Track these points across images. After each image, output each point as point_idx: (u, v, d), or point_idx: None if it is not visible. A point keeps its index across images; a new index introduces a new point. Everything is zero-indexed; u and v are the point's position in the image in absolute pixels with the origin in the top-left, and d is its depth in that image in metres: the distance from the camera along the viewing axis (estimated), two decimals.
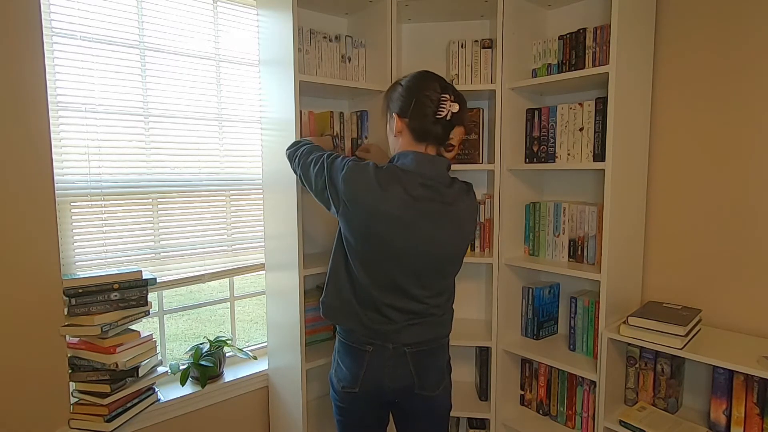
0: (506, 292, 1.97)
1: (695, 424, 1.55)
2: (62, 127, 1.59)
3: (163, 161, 1.81)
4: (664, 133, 1.74)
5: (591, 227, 1.78)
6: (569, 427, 1.88)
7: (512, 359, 2.03)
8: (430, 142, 1.22)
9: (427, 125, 1.19)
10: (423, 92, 1.19)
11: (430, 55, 2.15)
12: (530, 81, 1.81)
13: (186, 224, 1.88)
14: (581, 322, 1.83)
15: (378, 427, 1.38)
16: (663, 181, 1.75)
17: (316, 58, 1.94)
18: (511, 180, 1.94)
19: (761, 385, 1.40)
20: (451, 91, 1.20)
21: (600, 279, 1.63)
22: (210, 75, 1.92)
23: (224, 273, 2.01)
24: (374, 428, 1.37)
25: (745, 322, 1.59)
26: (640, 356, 1.67)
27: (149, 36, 1.75)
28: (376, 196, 1.14)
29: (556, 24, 2.00)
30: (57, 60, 1.57)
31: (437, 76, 1.22)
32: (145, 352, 1.67)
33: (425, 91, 1.18)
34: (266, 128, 1.92)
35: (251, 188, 2.07)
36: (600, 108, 1.69)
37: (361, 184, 1.15)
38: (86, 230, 1.66)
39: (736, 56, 1.56)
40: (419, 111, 1.19)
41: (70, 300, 1.54)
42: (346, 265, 1.27)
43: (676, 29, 1.69)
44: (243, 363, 2.13)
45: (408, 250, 1.18)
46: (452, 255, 1.24)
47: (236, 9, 1.98)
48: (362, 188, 1.15)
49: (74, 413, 1.61)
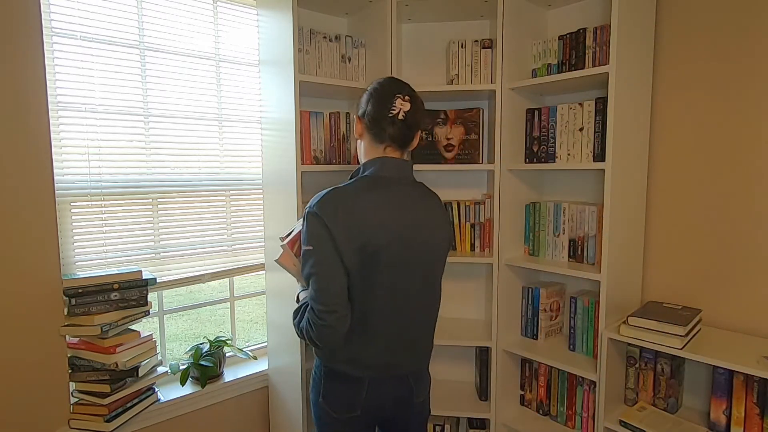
0: (506, 292, 1.97)
1: (695, 424, 1.55)
2: (62, 127, 1.59)
3: (163, 161, 1.81)
4: (664, 133, 1.74)
5: (591, 227, 1.78)
6: (569, 427, 1.88)
7: (512, 359, 2.03)
8: (388, 143, 1.21)
9: (383, 124, 1.19)
10: (380, 93, 1.21)
11: (430, 55, 2.15)
12: (530, 81, 1.81)
13: (186, 224, 1.89)
14: (581, 322, 1.83)
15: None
16: (663, 181, 1.75)
17: (316, 58, 1.94)
18: (511, 180, 1.94)
19: (761, 385, 1.40)
20: (407, 92, 1.20)
21: (600, 279, 1.63)
22: (210, 75, 1.92)
23: (224, 273, 2.01)
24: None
25: (745, 322, 1.59)
26: (640, 356, 1.67)
27: (149, 36, 1.75)
28: (354, 209, 1.12)
29: (556, 24, 2.00)
30: (57, 60, 1.57)
31: (401, 81, 1.23)
32: (145, 352, 1.67)
33: (382, 92, 1.21)
34: (266, 128, 1.92)
35: (251, 188, 2.07)
36: (600, 108, 1.69)
37: (331, 206, 1.12)
38: (86, 230, 1.66)
39: (736, 56, 1.56)
40: (374, 110, 1.20)
41: (70, 300, 1.54)
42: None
43: (676, 29, 1.69)
44: (243, 363, 2.13)
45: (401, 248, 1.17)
46: (437, 244, 1.23)
47: (236, 9, 1.98)
48: (337, 209, 1.12)
49: (74, 413, 1.61)
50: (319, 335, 1.12)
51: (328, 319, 1.11)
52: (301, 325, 1.17)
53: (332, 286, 1.12)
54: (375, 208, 1.13)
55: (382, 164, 1.20)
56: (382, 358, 1.20)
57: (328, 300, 1.11)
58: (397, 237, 1.15)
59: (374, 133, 1.21)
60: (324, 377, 1.25)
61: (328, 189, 1.16)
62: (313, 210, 1.13)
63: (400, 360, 1.23)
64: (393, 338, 1.20)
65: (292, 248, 1.26)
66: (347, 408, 1.22)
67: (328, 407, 1.23)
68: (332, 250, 1.11)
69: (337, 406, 1.22)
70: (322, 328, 1.11)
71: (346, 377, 1.21)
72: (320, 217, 1.11)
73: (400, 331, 1.21)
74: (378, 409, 1.24)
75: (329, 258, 1.11)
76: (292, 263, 1.27)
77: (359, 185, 1.17)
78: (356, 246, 1.11)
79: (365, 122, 1.22)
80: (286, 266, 1.27)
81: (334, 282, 1.12)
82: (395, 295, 1.18)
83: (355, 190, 1.15)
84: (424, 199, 1.23)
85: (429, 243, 1.21)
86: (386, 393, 1.23)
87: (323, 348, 1.18)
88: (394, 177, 1.20)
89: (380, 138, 1.21)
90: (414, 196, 1.21)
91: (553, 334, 2.01)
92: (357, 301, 1.16)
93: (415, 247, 1.18)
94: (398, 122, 1.19)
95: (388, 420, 1.30)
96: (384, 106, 1.18)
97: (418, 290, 1.21)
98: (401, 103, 1.18)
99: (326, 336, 1.12)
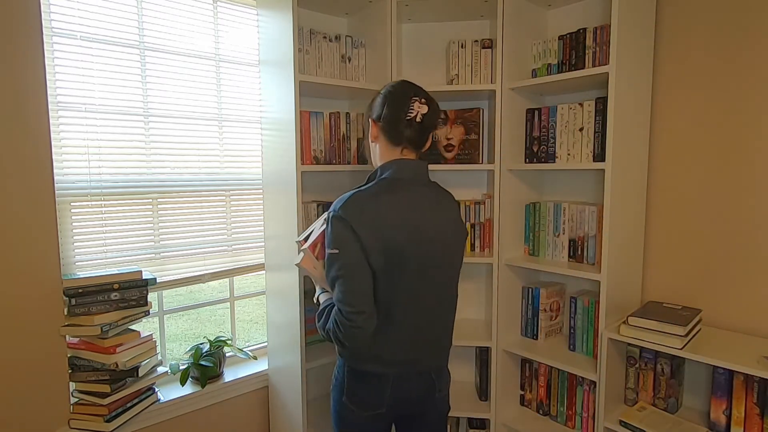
0: (506, 292, 1.97)
1: (695, 424, 1.55)
2: (62, 127, 1.59)
3: (163, 161, 1.81)
4: (664, 133, 1.74)
5: (591, 227, 1.78)
6: (569, 427, 1.88)
7: (512, 359, 2.03)
8: (405, 146, 1.24)
9: (399, 126, 1.21)
10: (395, 96, 1.23)
11: (430, 55, 2.15)
12: (530, 81, 1.81)
13: (186, 224, 1.89)
14: (581, 322, 1.83)
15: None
16: (663, 181, 1.75)
17: (316, 58, 1.94)
18: (511, 180, 1.94)
19: (761, 385, 1.40)
20: (423, 95, 1.23)
21: (600, 279, 1.63)
22: (210, 75, 1.92)
23: (224, 273, 2.01)
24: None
25: (745, 322, 1.59)
26: (640, 356, 1.67)
27: (149, 36, 1.75)
28: (377, 212, 1.15)
29: (556, 24, 2.00)
30: (57, 60, 1.57)
31: (414, 85, 1.26)
32: (145, 352, 1.67)
33: (397, 95, 1.23)
34: (266, 128, 1.92)
35: (251, 188, 2.07)
36: (600, 108, 1.69)
37: (356, 209, 1.14)
38: (86, 230, 1.66)
39: (736, 55, 1.56)
40: (391, 112, 1.22)
41: (70, 300, 1.54)
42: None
43: (676, 29, 1.69)
44: (243, 363, 2.13)
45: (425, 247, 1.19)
46: (455, 242, 1.26)
47: (236, 9, 1.98)
48: (363, 210, 1.14)
49: (74, 413, 1.61)
50: (347, 336, 1.14)
51: (357, 319, 1.12)
52: (327, 327, 1.18)
53: (359, 288, 1.13)
54: (397, 209, 1.16)
55: (399, 166, 1.22)
56: (406, 355, 1.23)
57: (355, 301, 1.13)
58: (418, 237, 1.18)
59: (391, 136, 1.23)
60: (348, 376, 1.26)
61: (350, 192, 1.18)
62: (338, 213, 1.14)
63: (423, 356, 1.25)
64: (416, 335, 1.23)
65: (313, 251, 1.27)
66: (373, 405, 1.24)
67: (353, 406, 1.25)
68: (358, 251, 1.13)
69: (363, 404, 1.24)
70: (350, 329, 1.13)
71: (371, 375, 1.23)
72: (346, 220, 1.13)
73: (423, 328, 1.24)
74: (402, 405, 1.27)
75: (356, 260, 1.13)
76: (312, 266, 1.28)
77: (380, 188, 1.19)
78: (381, 247, 1.13)
79: (381, 125, 1.24)
80: (307, 269, 1.28)
81: (361, 283, 1.14)
82: (418, 294, 1.20)
83: (376, 193, 1.17)
84: (440, 199, 1.26)
85: (448, 242, 1.24)
86: (410, 389, 1.26)
87: (351, 348, 1.19)
88: (411, 178, 1.23)
89: (397, 140, 1.23)
90: (431, 196, 1.24)
91: (553, 334, 2.01)
92: (381, 300, 1.18)
93: (435, 246, 1.21)
94: (416, 125, 1.21)
95: (411, 415, 1.33)
96: (401, 109, 1.21)
97: (438, 288, 1.24)
98: (419, 106, 1.20)
99: (355, 336, 1.13)
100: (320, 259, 1.28)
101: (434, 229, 1.21)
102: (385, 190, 1.18)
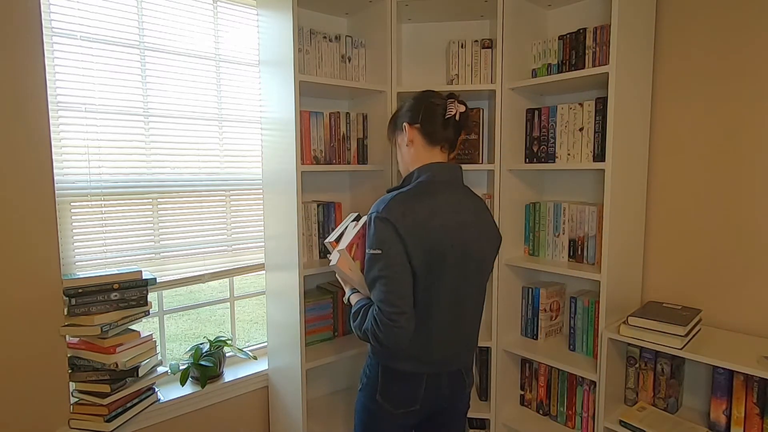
0: (506, 292, 1.97)
1: (695, 424, 1.55)
2: (62, 127, 1.59)
3: (163, 161, 1.81)
4: (664, 133, 1.74)
5: (591, 227, 1.78)
6: (569, 427, 1.88)
7: (512, 359, 2.03)
8: (442, 145, 1.27)
9: (437, 127, 1.25)
10: (430, 99, 1.27)
11: (430, 55, 2.15)
12: (530, 81, 1.81)
13: (186, 224, 1.89)
14: (581, 322, 1.83)
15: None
16: (663, 181, 1.75)
17: (316, 58, 1.94)
18: (511, 180, 1.94)
19: (761, 385, 1.40)
20: (455, 97, 1.27)
21: (600, 279, 1.63)
22: (210, 75, 1.92)
23: (224, 273, 2.01)
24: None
25: (745, 322, 1.59)
26: (640, 356, 1.67)
27: (149, 36, 1.75)
28: (420, 215, 1.16)
29: (556, 24, 2.00)
30: (57, 60, 1.57)
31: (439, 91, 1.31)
32: (145, 352, 1.67)
33: (432, 98, 1.27)
34: (266, 128, 1.92)
35: (251, 188, 2.07)
36: (600, 108, 1.69)
37: (399, 210, 1.15)
38: (86, 230, 1.66)
39: (736, 56, 1.56)
40: (429, 114, 1.26)
41: (70, 300, 1.54)
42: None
43: (676, 29, 1.69)
44: (243, 363, 2.13)
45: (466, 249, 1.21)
46: (489, 245, 1.29)
47: (236, 9, 1.98)
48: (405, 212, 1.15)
49: (74, 413, 1.61)
50: (387, 336, 1.14)
51: (400, 320, 1.13)
52: (365, 327, 1.19)
53: (401, 289, 1.14)
54: (437, 211, 1.18)
55: (437, 169, 1.25)
56: (442, 354, 1.25)
57: (398, 302, 1.14)
58: (457, 239, 1.20)
59: (430, 136, 1.26)
60: (382, 375, 1.28)
61: (392, 194, 1.20)
62: (381, 215, 1.15)
63: (456, 355, 1.28)
64: (452, 335, 1.25)
65: (349, 252, 1.27)
66: (408, 403, 1.26)
67: (387, 404, 1.27)
68: (402, 253, 1.14)
69: (397, 402, 1.27)
70: (392, 329, 1.13)
71: (406, 374, 1.25)
72: (389, 222, 1.14)
73: (458, 328, 1.26)
74: (434, 402, 1.30)
75: (399, 261, 1.14)
76: (348, 267, 1.28)
77: (419, 190, 1.20)
78: (424, 249, 1.15)
79: (419, 126, 1.27)
80: (342, 270, 1.28)
81: (403, 284, 1.15)
82: (455, 295, 1.23)
83: (416, 195, 1.19)
84: (477, 202, 1.28)
85: (484, 245, 1.26)
86: (443, 386, 1.29)
87: (390, 348, 1.19)
88: (449, 181, 1.26)
89: (435, 140, 1.27)
90: (467, 200, 1.26)
91: (553, 334, 2.01)
92: (420, 301, 1.19)
93: (472, 248, 1.23)
94: (453, 123, 1.25)
95: (439, 411, 1.35)
96: (437, 110, 1.25)
97: (472, 289, 1.26)
98: (457, 105, 1.25)
99: (396, 336, 1.14)
100: (356, 260, 1.28)
101: (473, 232, 1.23)
102: (425, 193, 1.20)
